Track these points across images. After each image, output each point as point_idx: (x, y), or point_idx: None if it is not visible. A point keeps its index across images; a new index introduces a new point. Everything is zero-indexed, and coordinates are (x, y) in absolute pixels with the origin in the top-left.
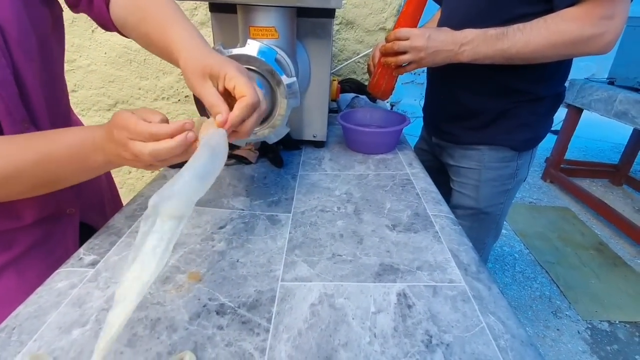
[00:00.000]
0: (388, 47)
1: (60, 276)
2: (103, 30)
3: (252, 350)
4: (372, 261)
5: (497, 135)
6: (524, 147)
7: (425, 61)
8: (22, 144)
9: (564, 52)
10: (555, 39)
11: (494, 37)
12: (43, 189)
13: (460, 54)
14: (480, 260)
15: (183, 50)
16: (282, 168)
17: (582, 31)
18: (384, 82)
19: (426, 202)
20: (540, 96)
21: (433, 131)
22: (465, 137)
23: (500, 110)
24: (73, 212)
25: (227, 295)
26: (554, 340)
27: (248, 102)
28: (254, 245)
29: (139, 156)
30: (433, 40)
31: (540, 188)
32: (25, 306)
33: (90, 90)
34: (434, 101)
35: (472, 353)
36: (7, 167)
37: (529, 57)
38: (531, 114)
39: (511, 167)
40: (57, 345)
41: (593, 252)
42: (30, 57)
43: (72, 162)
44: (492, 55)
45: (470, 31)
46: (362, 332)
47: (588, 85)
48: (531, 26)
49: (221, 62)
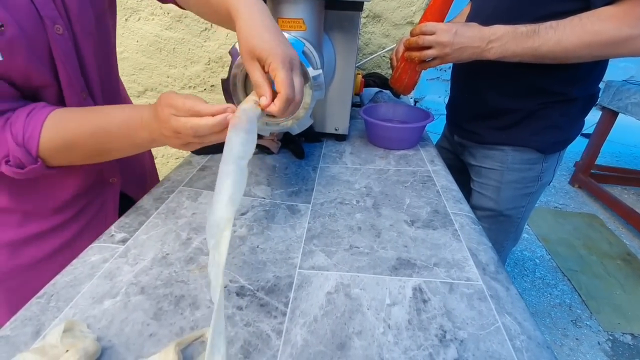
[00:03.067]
0: (412, 41)
1: (94, 250)
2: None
3: (270, 332)
4: (389, 255)
5: (523, 136)
6: (551, 149)
7: (450, 57)
8: (81, 116)
9: (599, 53)
10: (590, 38)
11: (524, 34)
12: (96, 159)
13: (487, 51)
14: (499, 261)
15: (239, 20)
16: (304, 160)
17: (619, 32)
18: (406, 76)
19: (446, 200)
20: (572, 97)
21: (456, 129)
22: (489, 136)
23: (528, 111)
24: (115, 181)
25: (247, 279)
26: (572, 350)
27: (283, 97)
28: (274, 233)
29: (180, 131)
30: (460, 36)
31: (568, 193)
32: (62, 276)
33: (122, 77)
34: (458, 99)
35: (487, 351)
36: (67, 135)
37: (560, 56)
38: (561, 115)
39: (536, 169)
40: (90, 313)
41: (620, 263)
42: (89, 31)
43: (121, 137)
44: (521, 54)
45: (499, 27)
46: (376, 322)
47: (625, 88)
48: (565, 24)
49: (268, 50)
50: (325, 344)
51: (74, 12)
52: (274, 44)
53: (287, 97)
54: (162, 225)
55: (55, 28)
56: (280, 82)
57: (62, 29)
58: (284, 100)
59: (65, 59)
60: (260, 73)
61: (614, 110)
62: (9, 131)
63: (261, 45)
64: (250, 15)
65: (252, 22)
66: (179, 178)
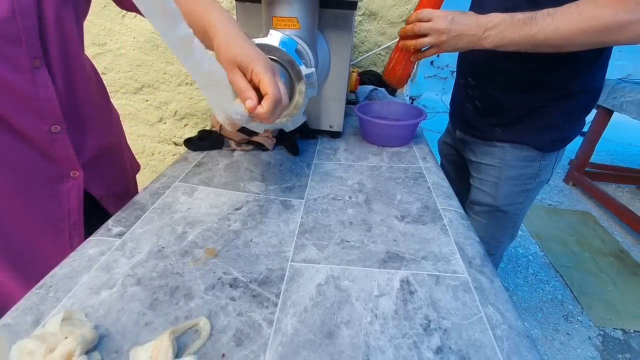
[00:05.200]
0: (408, 29)
1: (91, 244)
2: (133, 16)
3: (261, 321)
4: (379, 249)
5: (522, 133)
6: (549, 147)
7: (446, 45)
8: None
9: (596, 40)
10: (587, 24)
11: (521, 21)
12: None
13: (484, 39)
14: (485, 255)
15: (218, 34)
16: (298, 156)
17: (616, 17)
18: (400, 68)
19: (437, 196)
20: (572, 92)
21: (458, 125)
22: (490, 133)
23: (528, 108)
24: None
25: (240, 271)
26: (563, 344)
27: (271, 99)
28: (267, 227)
29: None
30: (456, 23)
31: (562, 191)
32: (60, 268)
33: (119, 73)
34: (461, 94)
35: (469, 339)
36: None
37: (558, 43)
38: (560, 114)
39: (533, 167)
40: (88, 303)
41: (612, 259)
42: None
43: None
44: (519, 41)
45: (496, 15)
46: (364, 312)
47: (620, 86)
48: (562, 11)
49: (250, 56)
50: (315, 332)
51: None
52: (254, 52)
53: (275, 97)
54: (158, 220)
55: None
56: (267, 83)
57: None
58: (272, 101)
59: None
60: (243, 79)
61: (609, 109)
62: None
63: (243, 52)
64: (227, 32)
65: (231, 35)
66: (175, 174)
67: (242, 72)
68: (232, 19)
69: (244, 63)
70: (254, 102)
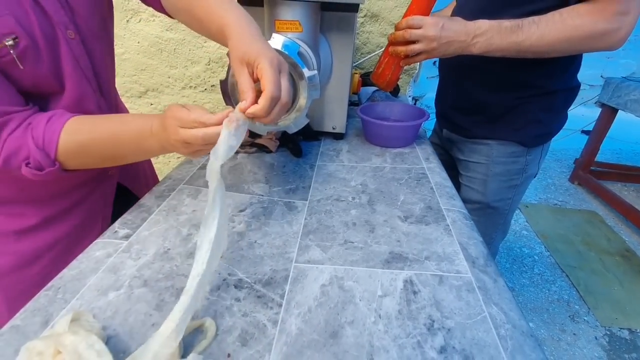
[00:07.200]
0: (399, 35)
1: (98, 246)
2: (137, 20)
3: (266, 322)
4: (382, 249)
5: (506, 130)
6: (533, 142)
7: (436, 52)
8: (96, 123)
9: (578, 47)
10: (570, 33)
11: (508, 29)
12: (110, 163)
13: (472, 45)
14: (489, 255)
15: (232, 35)
16: (301, 158)
17: (595, 26)
18: (389, 72)
19: (440, 196)
20: (552, 90)
21: (444, 123)
22: (475, 130)
23: (509, 105)
24: (114, 173)
25: (245, 272)
26: (569, 344)
27: (267, 95)
28: (271, 229)
29: (190, 141)
30: (446, 30)
31: (567, 190)
32: (68, 270)
33: (123, 77)
34: (444, 93)
35: (472, 339)
36: (83, 140)
37: (542, 50)
38: (542, 110)
39: (520, 162)
40: (96, 304)
41: (618, 259)
42: (96, 33)
43: (133, 144)
44: (506, 48)
45: (484, 22)
46: (367, 312)
47: (625, 85)
48: (547, 19)
49: (258, 51)
50: (319, 332)
51: (82, 16)
52: (263, 48)
53: (272, 95)
54: (163, 222)
55: (68, 33)
56: (266, 79)
57: (74, 34)
58: (267, 99)
59: (79, 63)
60: (246, 79)
61: (614, 107)
62: (30, 135)
63: (250, 49)
64: (240, 31)
65: (243, 34)
66: (180, 176)
67: (250, 69)
68: (248, 17)
69: (251, 59)
70: (247, 104)
